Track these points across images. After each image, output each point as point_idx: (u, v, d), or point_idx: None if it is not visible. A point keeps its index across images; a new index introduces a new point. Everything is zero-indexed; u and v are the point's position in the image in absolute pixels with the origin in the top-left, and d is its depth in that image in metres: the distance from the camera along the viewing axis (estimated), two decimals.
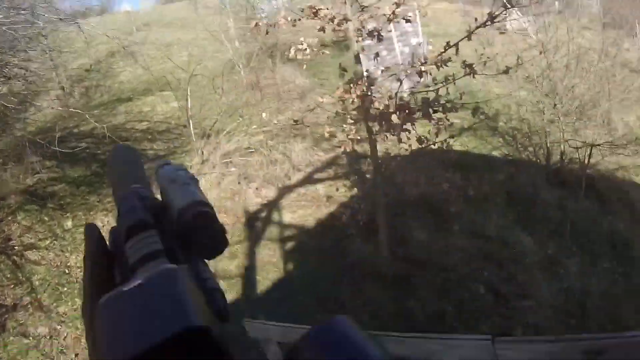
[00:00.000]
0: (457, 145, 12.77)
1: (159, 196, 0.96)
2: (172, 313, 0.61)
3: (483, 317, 9.03)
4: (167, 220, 0.90)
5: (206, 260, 0.91)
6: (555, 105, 13.18)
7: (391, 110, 8.64)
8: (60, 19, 12.82)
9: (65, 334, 9.67)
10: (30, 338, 9.53)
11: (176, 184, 0.94)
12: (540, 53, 13.27)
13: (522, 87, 14.69)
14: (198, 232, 0.88)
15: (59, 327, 9.75)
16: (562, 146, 12.95)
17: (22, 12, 11.50)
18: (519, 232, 11.03)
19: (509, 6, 8.17)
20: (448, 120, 8.84)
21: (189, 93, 15.07)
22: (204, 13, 24.09)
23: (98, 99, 19.66)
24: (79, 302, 10.04)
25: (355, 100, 8.75)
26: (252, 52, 18.90)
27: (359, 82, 8.74)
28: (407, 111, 8.65)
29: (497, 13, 8.20)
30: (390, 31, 13.78)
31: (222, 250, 0.91)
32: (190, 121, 14.89)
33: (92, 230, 0.92)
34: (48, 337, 9.62)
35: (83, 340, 9.44)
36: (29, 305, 10.15)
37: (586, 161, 12.50)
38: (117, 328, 0.62)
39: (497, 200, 11.76)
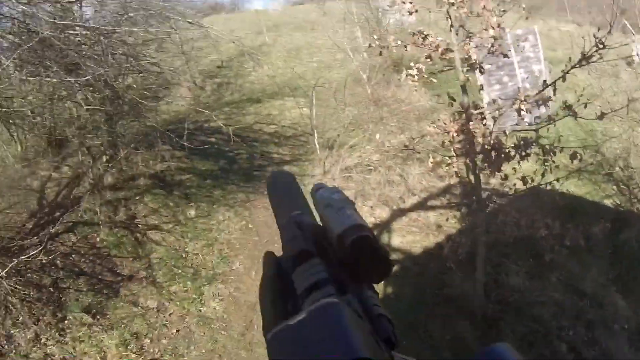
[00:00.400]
0: (569, 187, 12.65)
1: (319, 222, 1.04)
2: (337, 347, 0.64)
3: None
4: (330, 247, 0.95)
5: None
6: None
7: (487, 147, 8.83)
8: (189, 22, 13.57)
9: (172, 311, 10.41)
10: (139, 307, 10.35)
11: (332, 209, 0.98)
12: None
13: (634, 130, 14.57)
14: (360, 257, 0.89)
15: (167, 303, 10.53)
16: None
17: (152, 11, 12.25)
18: (616, 294, 10.83)
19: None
20: (554, 162, 8.85)
21: (313, 102, 15.63)
22: (333, 19, 24.33)
23: (228, 96, 20.58)
24: (190, 284, 11.00)
25: (454, 135, 8.94)
26: (378, 65, 19.29)
27: (457, 118, 8.96)
28: (498, 152, 8.83)
29: (590, 53, 7.95)
30: (506, 56, 13.97)
31: (387, 274, 0.92)
32: (315, 131, 15.50)
33: (270, 259, 1.00)
34: (155, 310, 10.38)
35: (187, 319, 10.30)
36: (144, 280, 11.02)
37: None
38: None
39: (600, 254, 11.60)
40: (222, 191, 14.12)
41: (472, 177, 9.51)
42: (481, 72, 9.46)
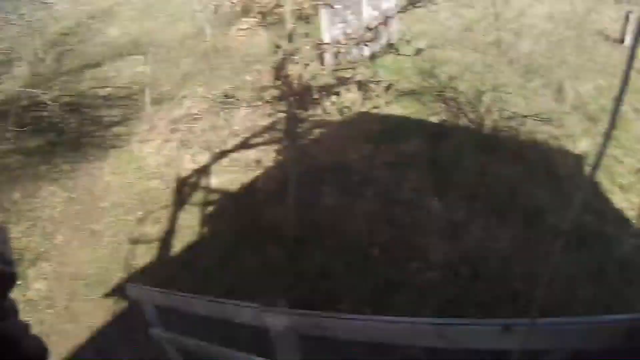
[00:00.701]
0: (396, 109, 13.69)
1: None
2: None
3: (368, 277, 9.80)
4: None
5: None
6: (501, 72, 14.00)
7: (297, 91, 9.61)
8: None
9: None
10: None
11: None
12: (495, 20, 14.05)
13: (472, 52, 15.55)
14: None
15: None
16: (495, 115, 13.67)
17: None
18: (430, 198, 11.53)
19: None
20: (374, 91, 9.91)
21: (150, 59, 16.10)
22: None
23: (69, 64, 20.50)
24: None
25: (269, 82, 9.84)
26: (223, 14, 19.44)
27: (277, 65, 9.72)
28: (306, 94, 9.65)
29: None
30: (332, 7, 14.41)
31: (12, 285, 0.95)
32: (147, 87, 15.99)
33: None
34: None
35: None
36: None
37: (515, 130, 13.39)
38: None
39: (419, 166, 12.28)
40: (48, 165, 14.34)
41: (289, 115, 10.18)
42: (306, 22, 10.15)
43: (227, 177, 13.06)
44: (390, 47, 9.97)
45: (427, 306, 9.40)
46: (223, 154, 13.77)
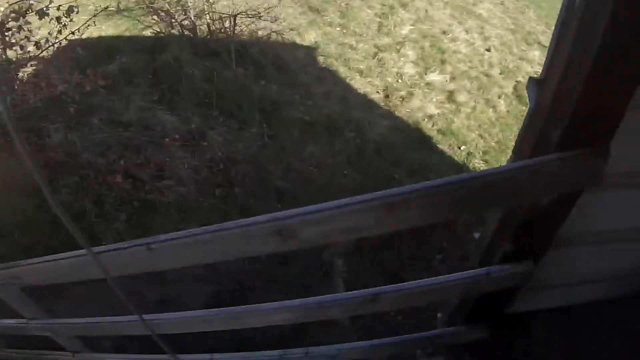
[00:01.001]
0: (107, 30, 13.51)
1: None
2: None
3: (122, 205, 9.69)
4: None
5: None
6: None
7: None
8: None
9: None
10: None
11: None
12: None
13: None
14: None
15: None
16: (207, 17, 13.73)
17: None
18: (161, 112, 11.47)
19: None
20: (68, 16, 9.65)
21: None
22: None
23: None
24: None
25: None
26: None
27: None
28: None
29: None
30: None
31: None
32: None
33: None
34: None
35: None
36: None
37: (232, 30, 13.55)
38: None
39: (139, 84, 12.12)
40: None
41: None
42: None
43: None
44: None
45: (190, 221, 9.55)
46: None
